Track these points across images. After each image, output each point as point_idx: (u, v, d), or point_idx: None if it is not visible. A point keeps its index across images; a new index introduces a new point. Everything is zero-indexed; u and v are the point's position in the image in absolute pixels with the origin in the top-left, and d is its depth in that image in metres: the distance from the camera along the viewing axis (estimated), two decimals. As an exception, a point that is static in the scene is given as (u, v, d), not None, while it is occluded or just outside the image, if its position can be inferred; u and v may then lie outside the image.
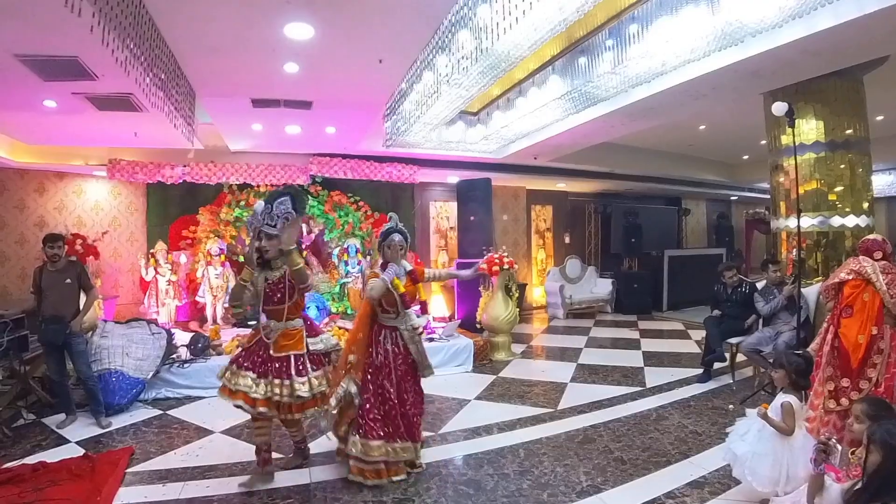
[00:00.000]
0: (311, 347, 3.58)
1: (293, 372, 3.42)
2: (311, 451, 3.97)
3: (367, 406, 3.53)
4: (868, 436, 2.19)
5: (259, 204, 3.48)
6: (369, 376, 3.60)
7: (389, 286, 3.52)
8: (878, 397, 3.12)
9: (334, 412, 3.55)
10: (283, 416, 3.50)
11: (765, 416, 2.97)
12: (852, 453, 2.51)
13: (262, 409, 3.32)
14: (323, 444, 4.19)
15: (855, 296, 3.61)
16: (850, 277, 3.69)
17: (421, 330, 3.88)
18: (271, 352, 3.43)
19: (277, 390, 3.36)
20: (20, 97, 4.71)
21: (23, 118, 5.45)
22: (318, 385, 3.49)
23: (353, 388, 3.55)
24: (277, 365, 3.41)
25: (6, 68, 3.92)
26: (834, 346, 3.58)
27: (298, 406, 3.46)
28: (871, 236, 3.85)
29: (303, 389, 3.40)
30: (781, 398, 3.03)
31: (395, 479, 3.48)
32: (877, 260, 3.63)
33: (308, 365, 3.51)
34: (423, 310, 3.94)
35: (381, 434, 3.48)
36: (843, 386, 3.48)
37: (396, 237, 3.72)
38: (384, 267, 3.69)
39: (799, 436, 2.94)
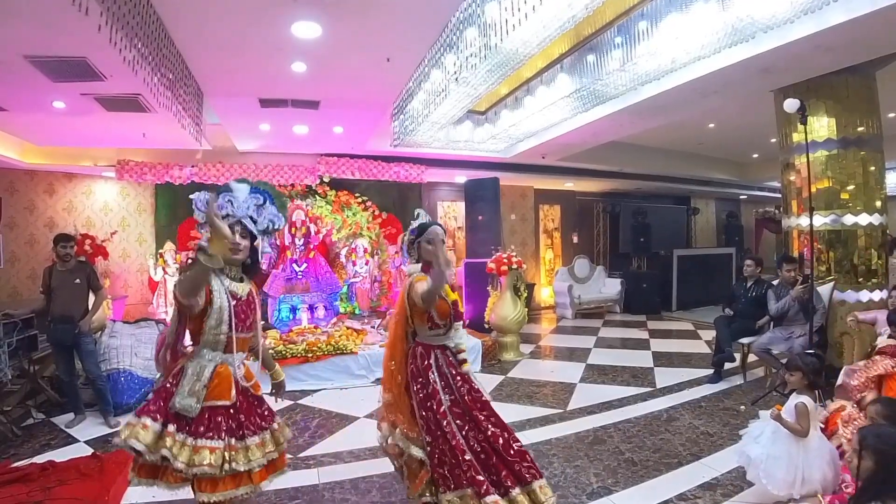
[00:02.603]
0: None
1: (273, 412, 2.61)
2: (319, 452, 3.97)
3: (447, 456, 2.58)
4: (859, 441, 2.12)
5: (243, 187, 2.54)
6: (425, 419, 2.68)
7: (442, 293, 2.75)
8: (892, 398, 3.07)
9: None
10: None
11: (778, 418, 2.92)
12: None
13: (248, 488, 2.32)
14: (330, 444, 4.19)
15: None
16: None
17: (465, 355, 2.94)
18: (252, 392, 2.50)
19: (262, 450, 2.39)
20: (29, 98, 4.72)
21: (32, 119, 5.47)
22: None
23: (418, 452, 2.65)
24: (259, 412, 2.50)
25: (15, 70, 3.93)
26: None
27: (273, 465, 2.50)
28: None
29: (286, 431, 2.63)
30: (795, 399, 2.99)
31: None
32: None
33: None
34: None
35: (482, 480, 2.50)
36: None
37: (439, 229, 2.88)
38: (426, 270, 2.84)
39: (814, 437, 2.89)
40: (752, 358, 5.68)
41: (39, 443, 4.25)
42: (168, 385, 2.30)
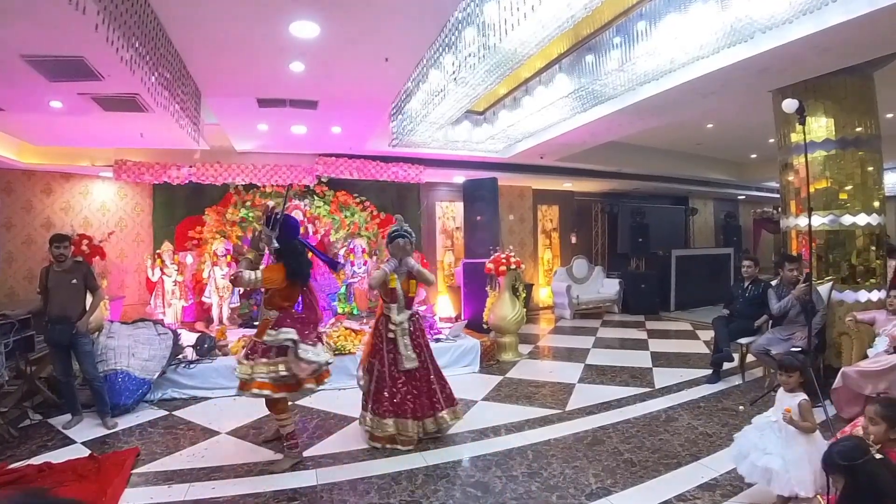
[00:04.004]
0: (265, 339, 3.75)
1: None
2: (317, 453, 3.97)
3: (375, 387, 4.16)
4: (825, 464, 2.21)
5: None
6: (374, 360, 4.22)
7: (387, 278, 4.16)
8: (891, 398, 3.06)
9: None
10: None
11: (791, 421, 2.90)
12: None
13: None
14: (328, 445, 4.18)
15: None
16: None
17: (404, 323, 4.21)
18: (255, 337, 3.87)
19: (266, 369, 3.71)
20: (27, 98, 4.70)
21: (30, 119, 5.45)
22: (250, 371, 3.71)
23: (360, 372, 4.33)
24: (264, 350, 3.77)
25: (13, 69, 3.91)
26: None
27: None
28: None
29: (240, 370, 3.77)
30: (796, 398, 2.99)
31: (402, 448, 4.00)
32: None
33: (257, 352, 3.77)
34: (409, 305, 4.30)
35: (390, 412, 4.06)
36: None
37: (400, 241, 4.29)
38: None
39: (818, 433, 2.91)
40: (750, 358, 5.68)
41: (36, 444, 4.23)
42: None
